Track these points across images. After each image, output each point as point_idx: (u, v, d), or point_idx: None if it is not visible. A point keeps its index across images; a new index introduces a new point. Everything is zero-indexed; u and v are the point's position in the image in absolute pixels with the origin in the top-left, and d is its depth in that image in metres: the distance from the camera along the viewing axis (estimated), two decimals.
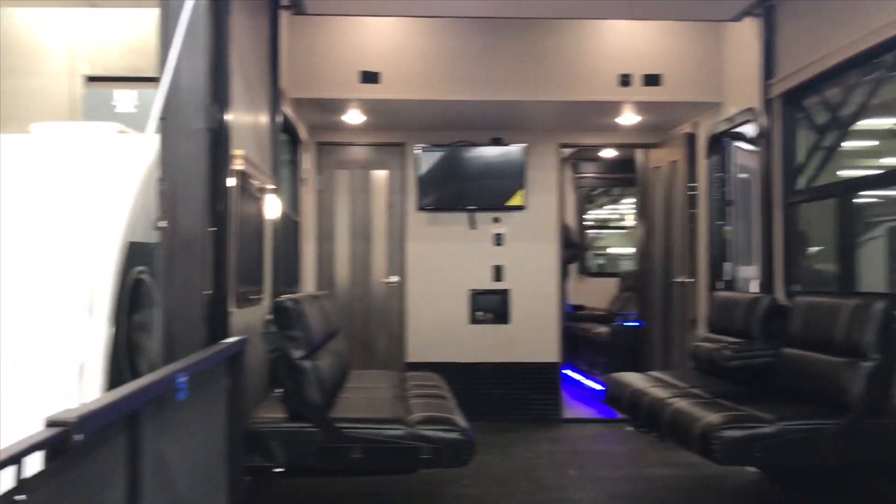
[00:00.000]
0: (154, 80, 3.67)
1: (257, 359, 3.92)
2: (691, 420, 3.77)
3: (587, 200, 11.34)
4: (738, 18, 5.52)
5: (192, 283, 2.97)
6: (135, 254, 3.57)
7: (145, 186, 3.39)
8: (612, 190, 12.22)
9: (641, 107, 6.40)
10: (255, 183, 4.52)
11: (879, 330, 3.63)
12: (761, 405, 3.86)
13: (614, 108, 6.42)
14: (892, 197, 5.69)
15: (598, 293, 9.82)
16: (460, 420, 3.70)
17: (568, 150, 8.53)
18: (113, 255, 3.51)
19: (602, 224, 13.65)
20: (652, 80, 6.11)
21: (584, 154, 9.95)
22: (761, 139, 5.38)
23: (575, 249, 8.42)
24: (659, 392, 4.40)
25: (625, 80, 6.11)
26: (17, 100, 7.27)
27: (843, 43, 4.41)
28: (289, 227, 6.24)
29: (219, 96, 3.21)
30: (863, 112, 4.76)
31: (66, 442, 1.32)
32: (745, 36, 5.60)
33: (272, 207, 5.01)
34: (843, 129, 4.98)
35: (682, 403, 4.05)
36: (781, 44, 5.19)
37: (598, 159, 10.20)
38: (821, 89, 4.98)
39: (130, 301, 3.65)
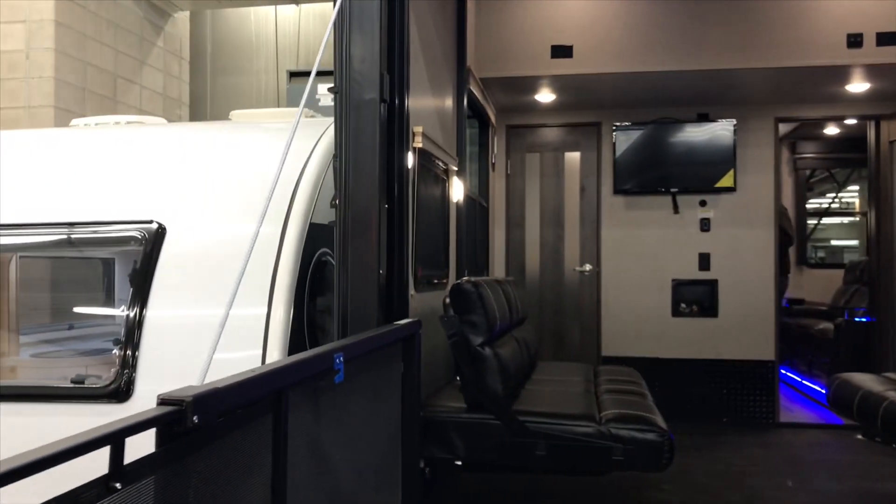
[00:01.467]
0: None
1: (439, 345, 3.75)
2: None
3: (807, 185, 10.28)
4: None
5: (365, 263, 2.82)
6: (317, 235, 3.53)
7: (325, 167, 3.31)
8: (837, 172, 11.04)
9: (874, 71, 5.56)
10: (439, 163, 4.36)
11: None
12: None
13: (840, 73, 5.63)
14: None
15: (819, 286, 8.88)
16: (658, 420, 3.31)
17: (785, 126, 7.72)
18: (294, 237, 3.48)
19: (825, 211, 12.40)
20: (888, 38, 5.28)
21: (805, 132, 8.99)
22: None
23: (792, 238, 7.58)
24: (888, 394, 3.74)
25: (854, 41, 5.33)
26: (231, 96, 7.72)
27: None
28: (477, 211, 6.07)
29: (393, 67, 3.05)
30: None
31: (180, 423, 1.15)
32: None
33: (457, 190, 4.85)
34: None
35: None
36: None
37: (822, 137, 9.18)
38: None
39: (312, 283, 3.62)
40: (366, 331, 2.66)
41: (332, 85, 3.00)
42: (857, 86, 5.91)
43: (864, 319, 7.10)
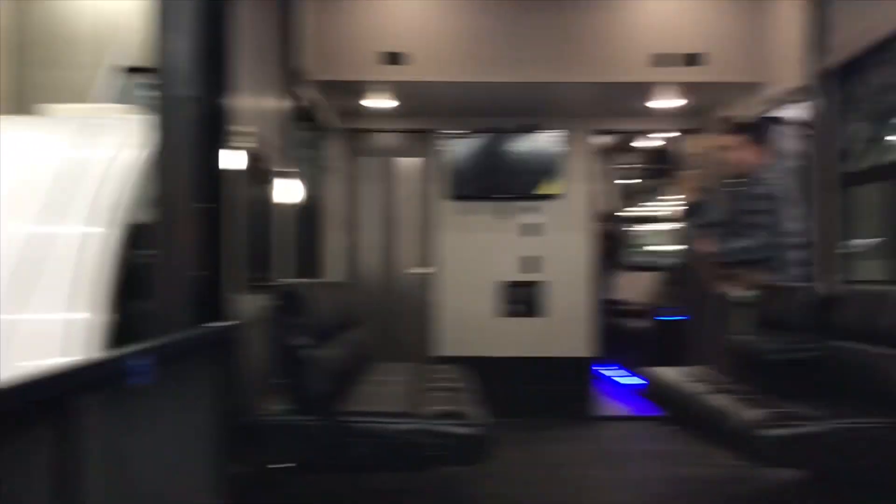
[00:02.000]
0: None
1: (264, 347, 3.71)
2: (730, 417, 3.46)
3: (629, 193, 10.97)
4: None
5: (179, 264, 2.76)
6: (138, 236, 3.40)
7: (147, 166, 3.21)
8: (655, 181, 11.83)
9: (679, 89, 6.05)
10: (268, 165, 4.32)
11: None
12: (807, 402, 3.52)
13: (650, 89, 6.08)
14: None
15: (641, 288, 9.48)
16: (477, 414, 3.44)
17: (606, 138, 8.21)
18: (111, 238, 3.34)
19: (647, 217, 13.26)
20: (689, 59, 5.76)
21: (624, 144, 9.60)
22: (811, 119, 5.01)
23: (616, 243, 8.08)
24: (697, 387, 4.08)
25: (660, 60, 5.77)
26: (59, 91, 7.23)
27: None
28: (311, 214, 6.05)
29: (213, 64, 3.00)
30: None
31: None
32: (791, 9, 5.23)
33: (288, 192, 4.82)
34: None
35: (720, 400, 3.73)
36: (832, 15, 4.81)
37: (641, 149, 9.83)
38: (873, 64, 4.61)
39: (131, 287, 3.48)
40: (177, 333, 2.60)
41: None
42: (666, 101, 6.39)
43: (678, 318, 7.66)
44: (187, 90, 2.83)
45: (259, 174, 4.20)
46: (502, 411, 6.58)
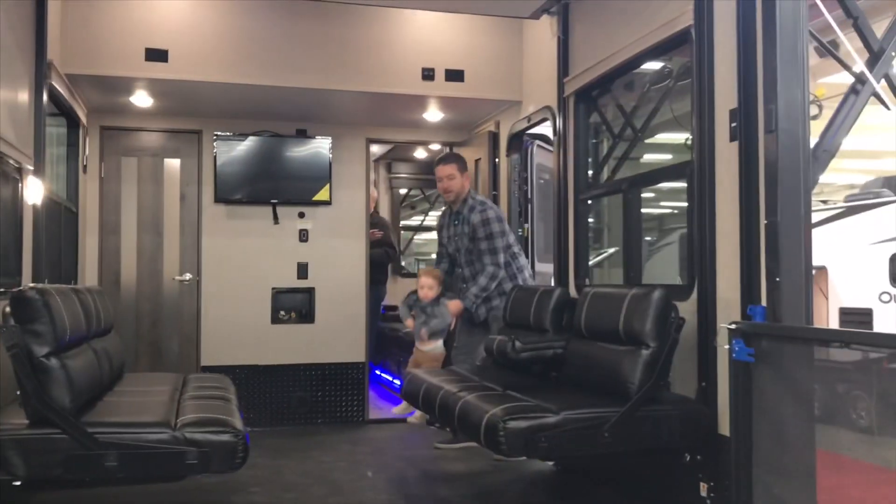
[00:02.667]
0: None
1: (4, 361, 3.43)
2: (478, 413, 3.70)
3: (403, 203, 11.27)
4: (536, 16, 5.59)
5: None
6: None
7: None
8: (427, 192, 12.24)
9: (444, 103, 6.36)
10: (9, 161, 4.01)
11: (656, 318, 3.72)
12: (548, 396, 3.85)
13: (418, 102, 6.34)
14: (684, 208, 5.99)
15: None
16: (235, 421, 3.41)
17: (377, 147, 8.41)
18: None
19: (420, 226, 13.67)
20: (454, 75, 6.09)
21: (399, 154, 9.86)
22: (556, 137, 5.47)
23: (391, 250, 8.26)
24: (451, 386, 4.31)
25: (428, 74, 6.04)
26: None
27: (625, 43, 4.54)
28: (65, 216, 5.66)
29: None
30: (645, 108, 4.96)
31: None
32: (544, 34, 5.69)
33: (34, 191, 4.48)
34: (630, 126, 5.18)
35: (471, 397, 3.97)
36: (575, 42, 5.31)
37: (413, 160, 10.14)
38: (609, 88, 5.14)
39: None
40: None
41: None
42: (433, 114, 6.68)
43: None
44: None
45: (3, 171, 3.89)
46: (274, 419, 6.66)
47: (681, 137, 4.54)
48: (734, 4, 3.58)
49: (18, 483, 3.08)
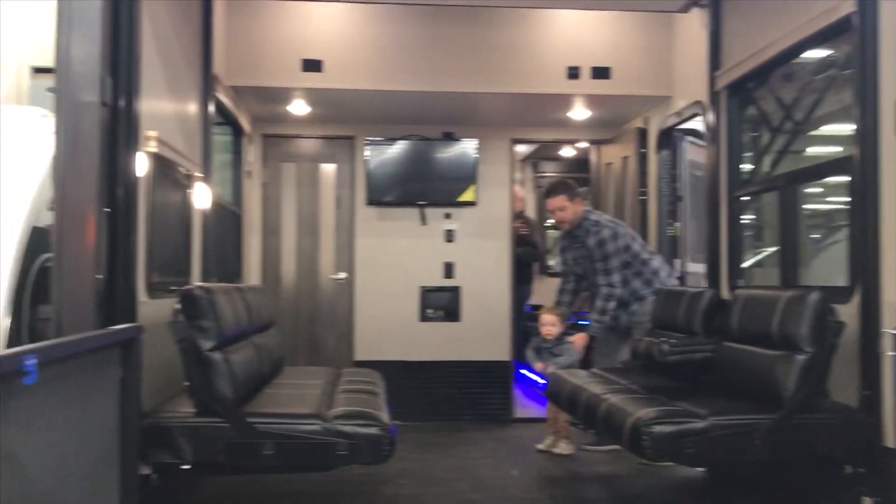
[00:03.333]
0: None
1: (175, 351, 3.73)
2: (623, 415, 3.64)
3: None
4: (685, 10, 5.43)
5: (81, 267, 2.78)
6: (41, 240, 3.39)
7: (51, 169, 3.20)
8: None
9: (591, 100, 6.29)
10: (179, 169, 4.34)
11: (813, 322, 3.53)
12: (696, 400, 3.74)
13: (563, 101, 6.31)
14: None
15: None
16: (382, 415, 3.54)
17: (522, 147, 8.43)
18: (13, 241, 3.32)
19: None
20: (601, 72, 6.00)
21: (544, 153, 9.84)
22: (707, 132, 5.28)
23: (536, 250, 8.26)
24: (595, 388, 4.27)
25: (573, 73, 5.99)
26: None
27: (782, 32, 4.32)
28: (230, 219, 6.06)
29: (118, 69, 3.04)
30: (806, 100, 4.69)
31: None
32: (694, 27, 5.50)
33: (202, 197, 4.83)
34: (789, 118, 4.91)
35: (616, 399, 3.92)
36: (727, 35, 5.09)
37: (559, 158, 10.08)
38: (765, 80, 4.90)
39: (35, 290, 3.46)
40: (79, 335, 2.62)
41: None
42: (579, 112, 6.62)
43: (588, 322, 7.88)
44: (89, 94, 2.86)
45: (173, 179, 4.22)
46: (422, 414, 6.83)
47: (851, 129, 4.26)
48: None
49: (187, 467, 3.33)
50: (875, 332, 3.45)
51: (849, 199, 3.80)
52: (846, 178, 3.95)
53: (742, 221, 5.11)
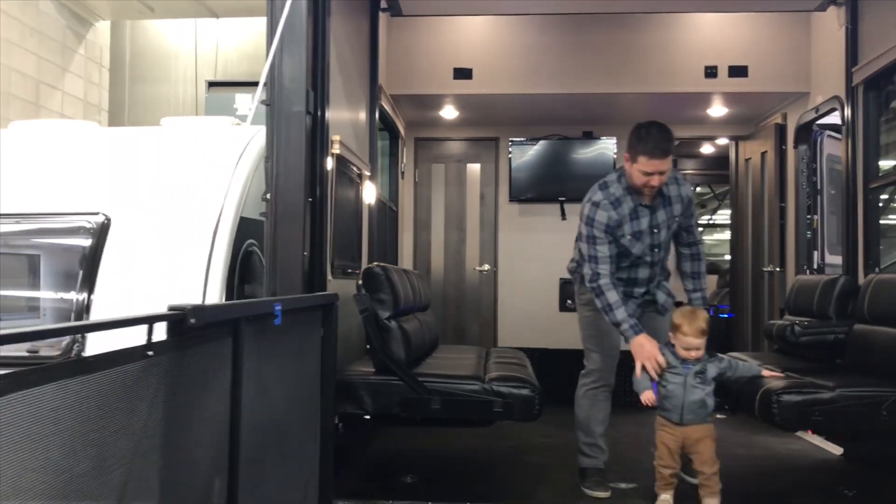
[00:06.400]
0: None
1: (352, 325, 4.37)
2: (756, 387, 3.94)
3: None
4: (822, 8, 5.60)
5: (293, 246, 3.42)
6: (246, 228, 4.10)
7: (255, 169, 3.90)
8: (716, 189, 12.13)
9: (728, 98, 6.53)
10: (353, 168, 4.99)
11: None
12: (826, 376, 3.99)
13: (701, 99, 6.58)
14: None
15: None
16: (532, 379, 4.03)
17: None
18: (227, 229, 4.03)
19: (708, 224, 13.55)
20: (738, 71, 6.24)
21: (684, 150, 10.00)
22: (845, 126, 5.44)
23: None
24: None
25: (711, 72, 6.26)
26: (149, 104, 8.11)
27: None
28: (387, 214, 6.72)
29: (317, 84, 3.67)
30: None
31: (183, 322, 1.75)
32: (830, 24, 5.67)
33: (369, 192, 5.49)
34: None
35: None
36: (864, 31, 5.25)
37: (698, 156, 10.21)
38: None
39: (242, 270, 4.18)
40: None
41: (252, 95, 3.57)
42: (717, 110, 6.86)
43: (726, 315, 8.08)
44: (297, 106, 3.50)
45: (349, 177, 4.88)
46: (561, 398, 7.22)
47: None
48: None
49: (368, 417, 3.94)
50: None
51: None
52: None
53: (880, 212, 5.24)
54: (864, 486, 4.62)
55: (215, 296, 3.64)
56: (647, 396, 3.78)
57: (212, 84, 7.62)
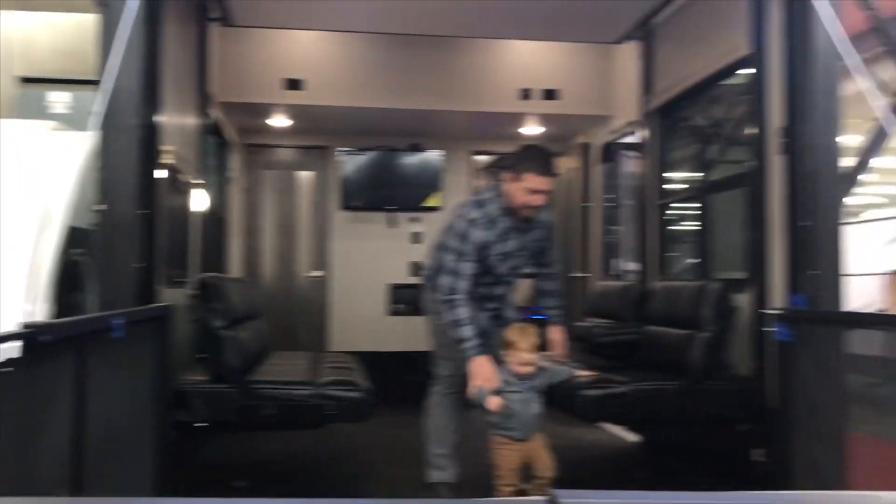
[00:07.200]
0: (88, 82, 4.09)
1: (185, 332, 4.41)
2: (565, 386, 4.39)
3: None
4: (620, 41, 6.26)
5: (124, 258, 3.46)
6: (74, 238, 4.05)
7: (83, 177, 3.87)
8: None
9: (541, 119, 7.09)
10: (184, 177, 5.01)
11: (714, 306, 4.34)
12: (622, 372, 4.52)
13: (517, 119, 7.11)
14: None
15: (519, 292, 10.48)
16: (363, 383, 4.26)
17: (481, 158, 9.20)
18: (53, 240, 3.97)
19: None
20: (550, 94, 6.81)
21: (503, 163, 10.61)
22: (640, 148, 6.11)
23: None
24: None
25: (525, 94, 6.79)
26: None
27: (699, 66, 5.16)
28: (216, 221, 6.71)
29: (151, 97, 3.72)
30: (721, 124, 5.54)
31: (35, 339, 1.84)
32: (629, 57, 6.34)
33: (200, 201, 5.51)
34: (706, 139, 5.76)
35: None
36: (657, 65, 5.94)
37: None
38: (686, 104, 5.74)
39: (68, 281, 4.12)
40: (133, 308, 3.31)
41: (69, 94, 3.51)
42: (531, 129, 7.43)
43: (540, 317, 8.68)
44: (130, 115, 3.53)
45: (178, 185, 4.90)
46: (389, 399, 7.50)
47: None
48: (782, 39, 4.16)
49: (201, 424, 4.03)
50: (763, 315, 4.28)
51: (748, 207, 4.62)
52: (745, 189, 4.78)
53: (668, 225, 5.95)
54: (654, 470, 5.25)
55: (38, 310, 3.60)
56: (495, 402, 3.69)
57: (25, 80, 7.24)
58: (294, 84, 6.54)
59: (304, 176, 7.89)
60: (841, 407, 3.85)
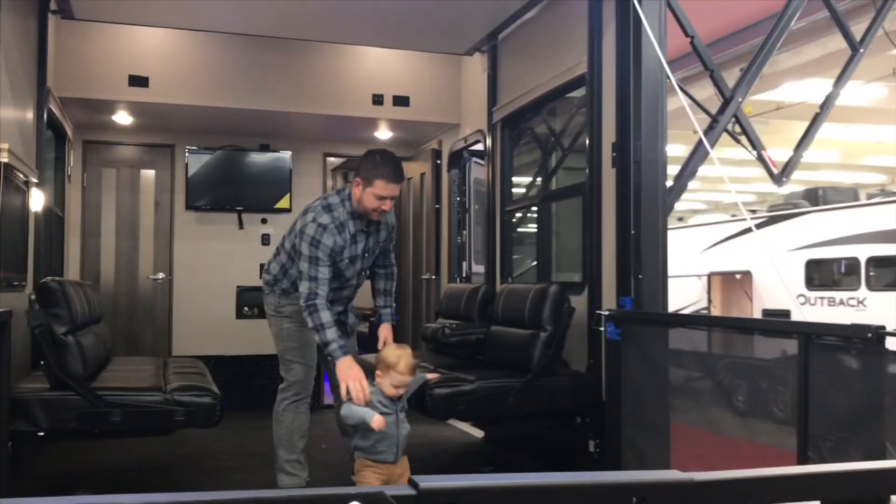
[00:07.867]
0: None
1: (21, 338, 4.22)
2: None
3: None
4: (469, 53, 6.52)
5: None
6: None
7: None
8: None
9: (392, 124, 7.26)
10: (20, 175, 4.78)
11: (553, 307, 4.65)
12: (469, 371, 4.74)
13: (369, 123, 7.23)
14: None
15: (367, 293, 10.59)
16: (213, 387, 4.25)
17: (334, 160, 9.26)
18: None
19: None
20: (401, 100, 6.98)
21: (354, 165, 10.69)
22: (486, 157, 6.40)
23: None
24: None
25: (377, 100, 6.93)
26: None
27: (540, 81, 5.48)
28: (54, 221, 6.40)
29: None
30: (561, 136, 5.91)
31: None
32: (476, 68, 6.61)
33: (36, 200, 5.25)
34: (547, 150, 6.12)
35: None
36: (501, 78, 6.24)
37: None
38: (528, 117, 6.08)
39: None
40: None
41: None
42: (383, 133, 7.57)
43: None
44: None
45: (16, 185, 4.66)
46: (238, 403, 7.43)
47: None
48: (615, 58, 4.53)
49: (42, 434, 3.87)
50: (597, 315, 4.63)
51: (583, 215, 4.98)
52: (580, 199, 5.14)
53: (513, 230, 6.27)
54: (500, 462, 5.53)
55: None
56: (379, 421, 3.54)
57: None
58: (138, 80, 6.34)
59: (149, 174, 7.64)
60: (663, 398, 4.26)
